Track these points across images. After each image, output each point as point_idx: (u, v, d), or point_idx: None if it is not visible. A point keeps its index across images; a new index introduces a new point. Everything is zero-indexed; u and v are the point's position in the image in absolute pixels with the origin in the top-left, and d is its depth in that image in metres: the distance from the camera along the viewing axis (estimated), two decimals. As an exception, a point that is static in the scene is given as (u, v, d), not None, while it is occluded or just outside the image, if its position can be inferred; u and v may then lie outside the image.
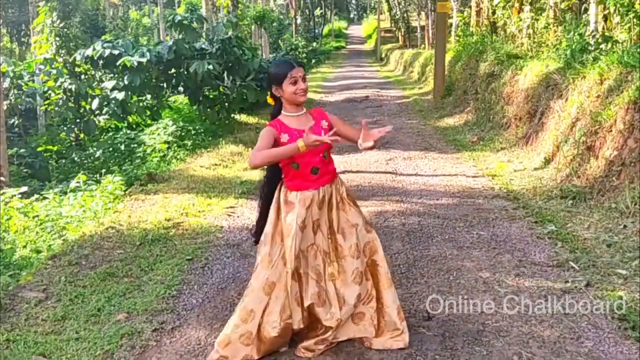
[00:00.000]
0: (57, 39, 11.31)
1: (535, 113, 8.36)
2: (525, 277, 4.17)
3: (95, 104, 10.66)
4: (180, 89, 11.80)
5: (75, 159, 10.46)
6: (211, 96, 11.62)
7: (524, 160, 7.70)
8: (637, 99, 5.48)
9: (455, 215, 5.63)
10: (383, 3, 44.41)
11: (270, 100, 3.24)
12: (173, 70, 11.02)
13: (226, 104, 11.79)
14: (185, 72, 10.69)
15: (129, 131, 11.06)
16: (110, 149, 10.34)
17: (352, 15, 75.16)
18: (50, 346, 3.41)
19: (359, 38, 52.20)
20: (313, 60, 32.22)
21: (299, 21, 39.64)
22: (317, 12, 49.47)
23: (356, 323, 3.30)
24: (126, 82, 10.23)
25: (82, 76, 11.37)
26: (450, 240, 5.01)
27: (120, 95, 10.37)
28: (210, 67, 10.27)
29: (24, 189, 7.59)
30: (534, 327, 3.46)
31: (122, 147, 10.22)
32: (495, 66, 10.95)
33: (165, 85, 11.44)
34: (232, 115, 12.36)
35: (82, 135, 11.31)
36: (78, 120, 11.04)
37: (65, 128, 11.22)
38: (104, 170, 8.50)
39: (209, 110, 11.58)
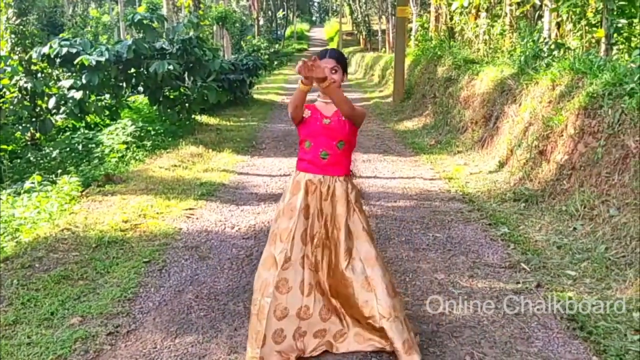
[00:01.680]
0: (13, 36, 11.06)
1: (490, 117, 8.54)
2: (479, 279, 4.28)
3: (52, 103, 10.43)
4: (140, 89, 11.64)
5: (31, 159, 10.20)
6: (171, 96, 11.51)
7: (480, 163, 7.86)
8: (587, 105, 5.66)
9: (412, 218, 5.73)
10: (345, 6, 44.69)
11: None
12: (133, 70, 10.87)
13: (187, 104, 11.69)
14: (145, 72, 10.56)
15: (86, 131, 10.85)
16: (67, 149, 10.13)
17: (314, 18, 75.28)
18: (1, 351, 3.33)
19: (321, 40, 52.31)
20: (275, 62, 32.15)
21: (261, 22, 39.60)
22: (280, 14, 49.43)
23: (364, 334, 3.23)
24: (84, 81, 10.04)
25: (39, 74, 11.12)
26: (406, 242, 5.09)
27: (78, 95, 10.17)
28: (171, 67, 10.17)
29: (-24, 189, 7.40)
30: (485, 327, 3.55)
31: (80, 147, 10.02)
32: (452, 71, 11.16)
33: (124, 84, 11.27)
34: (193, 116, 12.27)
35: (38, 135, 11.04)
36: (34, 120, 10.77)
37: (20, 127, 10.92)
38: (60, 171, 8.31)
39: (169, 110, 11.47)
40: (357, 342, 3.23)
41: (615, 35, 7.34)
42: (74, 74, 10.54)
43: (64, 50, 9.84)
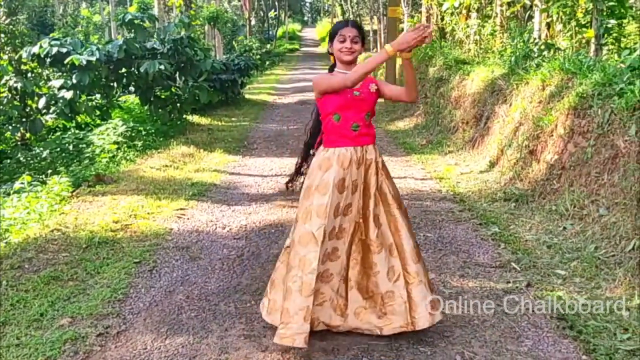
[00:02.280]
0: (2, 35, 10.99)
1: (481, 117, 8.57)
2: (469, 278, 4.29)
3: (42, 102, 10.37)
4: (131, 88, 11.60)
5: (21, 159, 10.16)
6: (163, 96, 11.46)
7: (471, 163, 7.89)
8: (577, 105, 5.69)
9: (404, 218, 5.72)
10: (337, 7, 44.71)
11: (332, 58, 3.34)
12: (123, 70, 10.82)
13: (178, 104, 11.65)
14: (136, 72, 10.52)
15: (77, 131, 10.80)
16: (58, 149, 10.08)
17: (306, 18, 75.13)
18: (-10, 352, 3.32)
19: (313, 41, 52.20)
20: (267, 62, 32.08)
21: (253, 22, 39.48)
22: (272, 14, 49.31)
23: (386, 302, 3.28)
24: (75, 81, 9.98)
25: (29, 74, 11.05)
26: (398, 242, 5.08)
27: (69, 95, 10.11)
28: (162, 67, 10.14)
29: (-35, 190, 7.35)
30: (476, 327, 3.56)
31: (70, 148, 9.98)
32: (443, 71, 11.18)
33: (115, 84, 11.22)
34: (184, 116, 12.24)
35: (28, 135, 10.98)
36: (24, 120, 10.71)
37: (10, 127, 10.86)
38: (50, 171, 8.28)
39: (160, 110, 11.43)
40: (356, 318, 3.31)
41: (605, 35, 7.39)
42: (65, 74, 10.48)
43: (54, 49, 9.79)
